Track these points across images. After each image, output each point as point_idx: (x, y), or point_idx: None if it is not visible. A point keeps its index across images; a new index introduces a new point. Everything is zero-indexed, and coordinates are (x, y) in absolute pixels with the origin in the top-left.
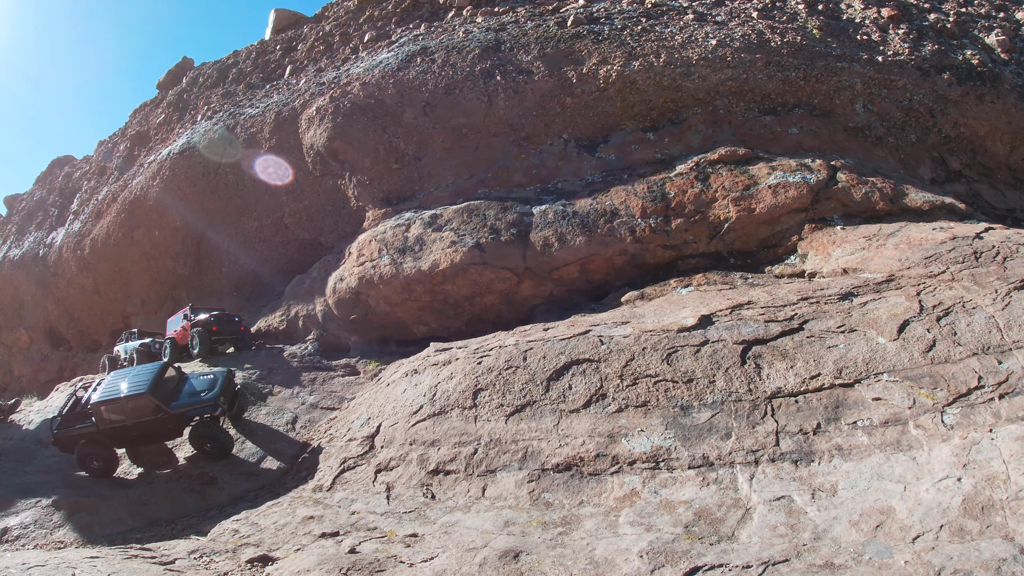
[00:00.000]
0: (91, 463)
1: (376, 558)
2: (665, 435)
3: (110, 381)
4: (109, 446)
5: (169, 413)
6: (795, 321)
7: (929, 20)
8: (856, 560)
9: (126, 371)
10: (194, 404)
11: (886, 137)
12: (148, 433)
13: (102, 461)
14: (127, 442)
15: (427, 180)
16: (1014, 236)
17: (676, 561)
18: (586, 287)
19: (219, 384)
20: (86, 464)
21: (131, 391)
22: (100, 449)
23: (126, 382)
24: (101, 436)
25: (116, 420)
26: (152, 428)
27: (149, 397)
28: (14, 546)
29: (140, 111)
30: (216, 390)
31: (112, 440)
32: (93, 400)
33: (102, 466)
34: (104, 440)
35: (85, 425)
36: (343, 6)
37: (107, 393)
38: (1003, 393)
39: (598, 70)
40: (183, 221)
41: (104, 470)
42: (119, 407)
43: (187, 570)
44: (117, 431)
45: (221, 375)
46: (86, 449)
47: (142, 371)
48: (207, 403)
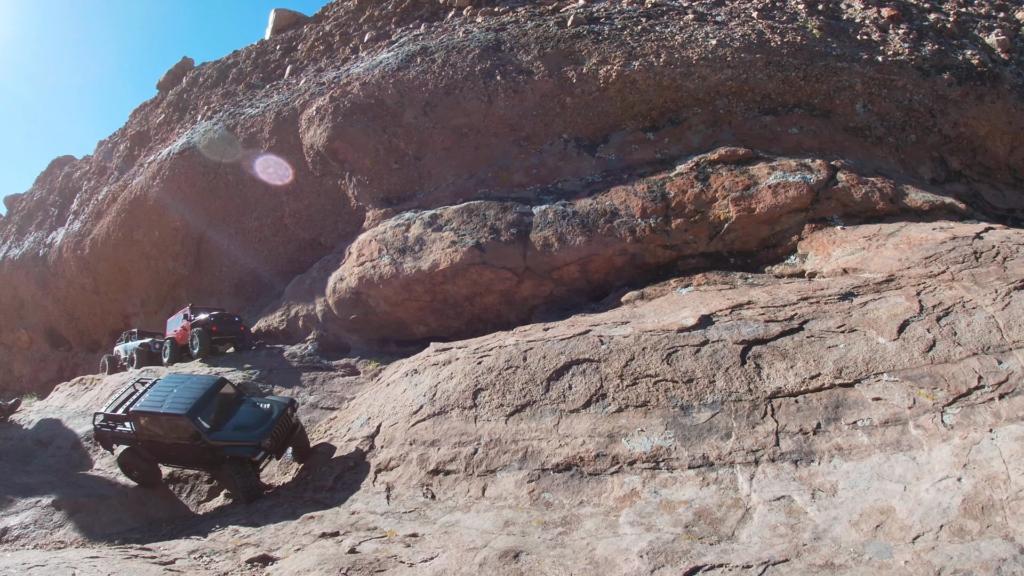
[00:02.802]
0: (130, 471)
1: (376, 558)
2: (665, 435)
3: (160, 387)
4: (149, 459)
5: (207, 444)
6: (795, 321)
7: (929, 20)
8: (856, 560)
9: (180, 379)
10: (234, 441)
11: (886, 137)
12: (184, 457)
13: (141, 473)
14: (164, 459)
15: (427, 180)
16: (1014, 236)
17: (676, 561)
18: (586, 287)
19: (271, 420)
20: (125, 471)
21: (171, 409)
22: (138, 460)
23: (172, 395)
24: (139, 446)
25: (154, 434)
26: (188, 453)
27: (188, 421)
28: (14, 546)
29: (140, 111)
30: (265, 427)
31: (151, 453)
32: (134, 408)
33: (141, 477)
34: (142, 451)
35: (125, 430)
36: (343, 6)
37: (150, 403)
38: (1003, 393)
39: (598, 70)
40: (183, 221)
41: (143, 482)
42: (158, 422)
43: (187, 570)
44: (155, 445)
45: (279, 408)
46: (125, 457)
47: (193, 386)
48: (248, 444)
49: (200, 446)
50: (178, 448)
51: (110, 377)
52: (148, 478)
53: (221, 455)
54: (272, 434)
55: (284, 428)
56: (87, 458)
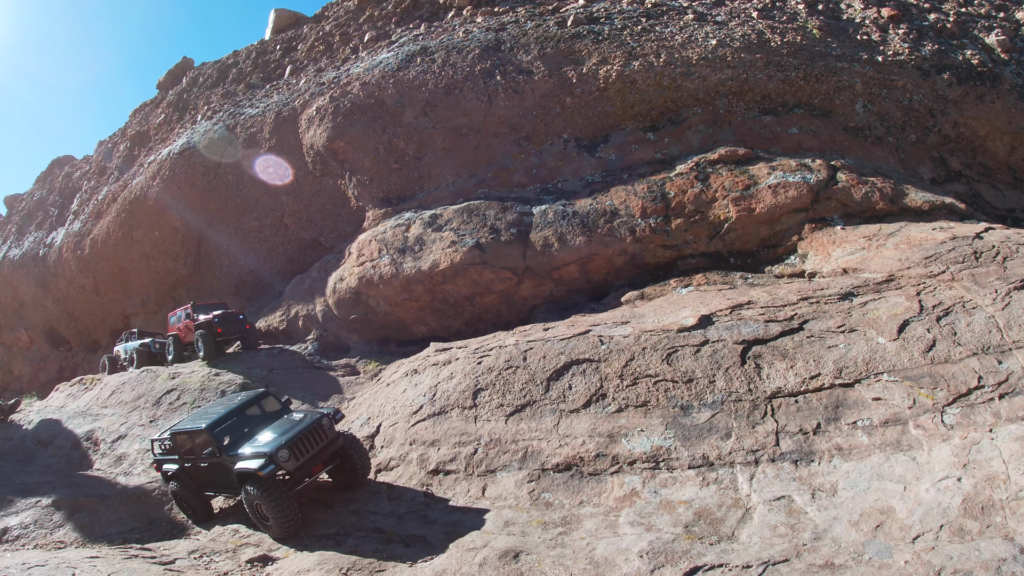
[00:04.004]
0: (180, 503)
1: (376, 558)
2: (665, 435)
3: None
4: (192, 486)
5: (226, 461)
6: (795, 321)
7: (929, 20)
8: (856, 560)
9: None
10: (243, 455)
11: (886, 137)
12: (210, 479)
13: (189, 503)
14: (204, 485)
15: (427, 180)
16: (1014, 236)
17: (676, 561)
18: (586, 287)
19: (295, 430)
20: (178, 501)
21: (194, 424)
22: (185, 489)
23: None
24: (183, 473)
25: (188, 457)
26: (211, 474)
27: (208, 435)
28: (14, 546)
29: (140, 111)
30: (284, 437)
31: (193, 479)
32: (174, 428)
33: (190, 510)
34: (185, 478)
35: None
36: (343, 6)
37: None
38: (1003, 393)
39: (598, 70)
40: (183, 221)
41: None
42: (188, 440)
43: (187, 570)
44: (194, 470)
45: (312, 419)
46: (176, 487)
47: (235, 400)
48: (258, 456)
49: (218, 464)
50: (204, 470)
51: (110, 377)
52: (198, 510)
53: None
54: (292, 446)
55: (314, 441)
56: (87, 458)
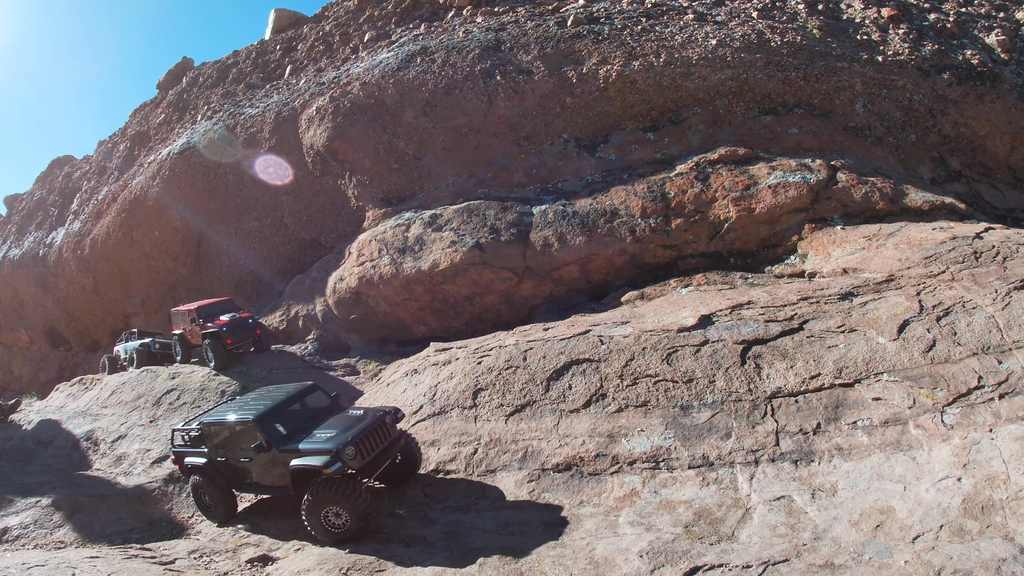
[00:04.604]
0: (202, 498)
1: (376, 558)
2: (665, 435)
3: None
4: (221, 484)
5: (277, 456)
6: (795, 321)
7: (929, 20)
8: (856, 560)
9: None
10: (304, 451)
11: (886, 137)
12: (248, 476)
13: (213, 500)
14: (238, 483)
15: (427, 180)
16: (1014, 236)
17: (676, 561)
18: (586, 287)
19: (359, 427)
20: (198, 499)
21: (242, 416)
22: (211, 485)
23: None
24: (213, 468)
25: (225, 451)
26: (260, 471)
27: (256, 427)
28: (14, 546)
29: (140, 111)
30: (348, 433)
31: (224, 475)
32: (205, 418)
33: (212, 509)
34: (215, 475)
35: (199, 450)
36: (343, 6)
37: (225, 412)
38: (1003, 393)
39: (598, 70)
40: (183, 221)
41: (219, 513)
42: (227, 433)
43: (187, 570)
44: (227, 466)
45: (374, 415)
46: (197, 482)
47: (276, 392)
48: (321, 452)
49: (267, 459)
50: (248, 466)
51: (110, 377)
52: (221, 508)
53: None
54: (358, 443)
55: (378, 439)
56: (87, 458)
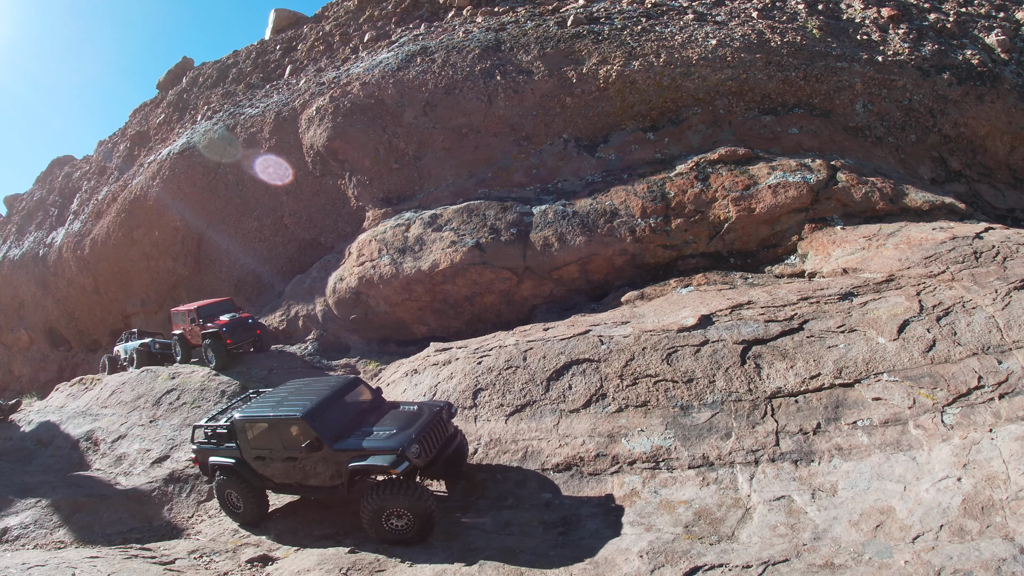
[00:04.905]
0: (229, 498)
1: (376, 558)
2: (665, 435)
3: (274, 391)
4: (255, 484)
5: (330, 455)
6: (795, 321)
7: (929, 20)
8: (856, 560)
9: (302, 383)
10: (365, 450)
11: (886, 137)
12: (302, 478)
13: (243, 501)
14: (274, 484)
15: (427, 180)
16: (1014, 236)
17: (676, 561)
18: (586, 287)
19: (419, 424)
20: (223, 499)
21: (285, 412)
22: (241, 485)
23: (287, 398)
24: (245, 468)
25: (263, 449)
26: (305, 471)
27: (305, 424)
28: (14, 546)
29: (140, 111)
30: (410, 431)
31: (258, 476)
32: (238, 415)
33: (243, 508)
34: (248, 474)
35: (227, 448)
36: (343, 6)
37: (260, 408)
38: (1003, 393)
39: (598, 70)
40: (183, 221)
41: (247, 513)
42: (267, 431)
43: (187, 570)
44: (264, 465)
45: (430, 410)
46: (223, 482)
47: (316, 387)
48: (386, 451)
49: (319, 458)
50: (292, 465)
51: (110, 377)
52: (251, 510)
53: (348, 471)
54: (422, 441)
55: (438, 436)
56: (87, 458)
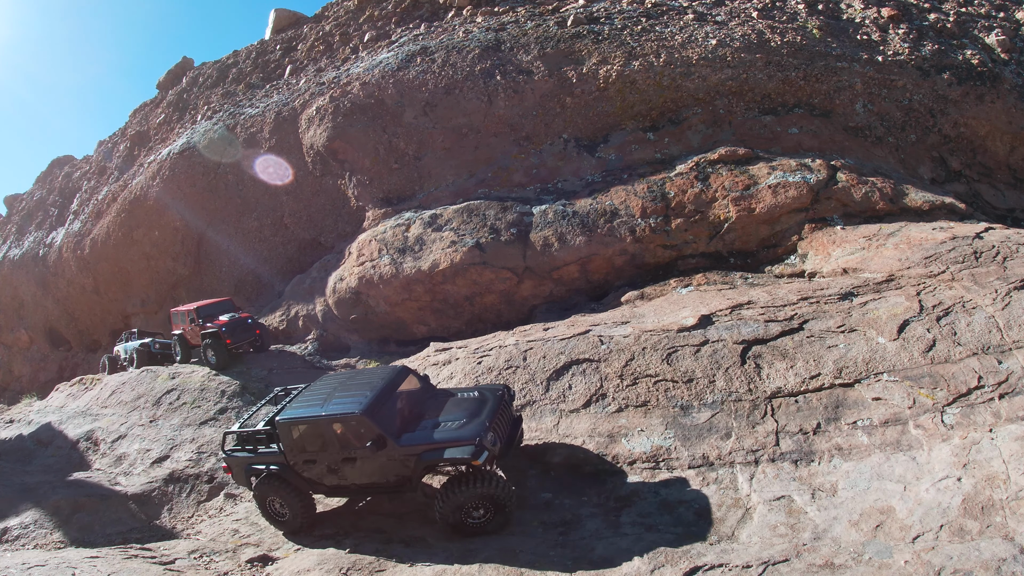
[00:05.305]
0: (272, 506)
1: (376, 558)
2: (665, 435)
3: (315, 389)
4: (302, 489)
5: (396, 451)
6: (795, 321)
7: (929, 20)
8: (856, 560)
9: (343, 377)
10: (440, 443)
11: (886, 137)
12: (360, 479)
13: (289, 508)
14: (325, 487)
15: (427, 180)
16: (1014, 236)
17: (676, 561)
18: (586, 287)
19: (487, 410)
20: (265, 507)
21: (337, 410)
22: (287, 491)
23: (334, 395)
24: (290, 472)
25: (313, 451)
26: (365, 471)
27: (366, 421)
28: (14, 546)
29: (140, 111)
30: (482, 418)
31: (305, 480)
32: (280, 418)
33: (290, 515)
34: (294, 479)
35: (268, 453)
36: (343, 6)
37: (304, 407)
38: (1003, 393)
39: (598, 70)
40: (183, 221)
41: (293, 521)
42: (317, 432)
43: (187, 570)
44: (312, 468)
45: (493, 395)
46: (265, 489)
47: (363, 380)
48: (462, 442)
49: (386, 458)
50: (351, 466)
51: (110, 377)
52: (298, 516)
53: (418, 466)
54: (492, 428)
55: (505, 421)
56: (87, 458)
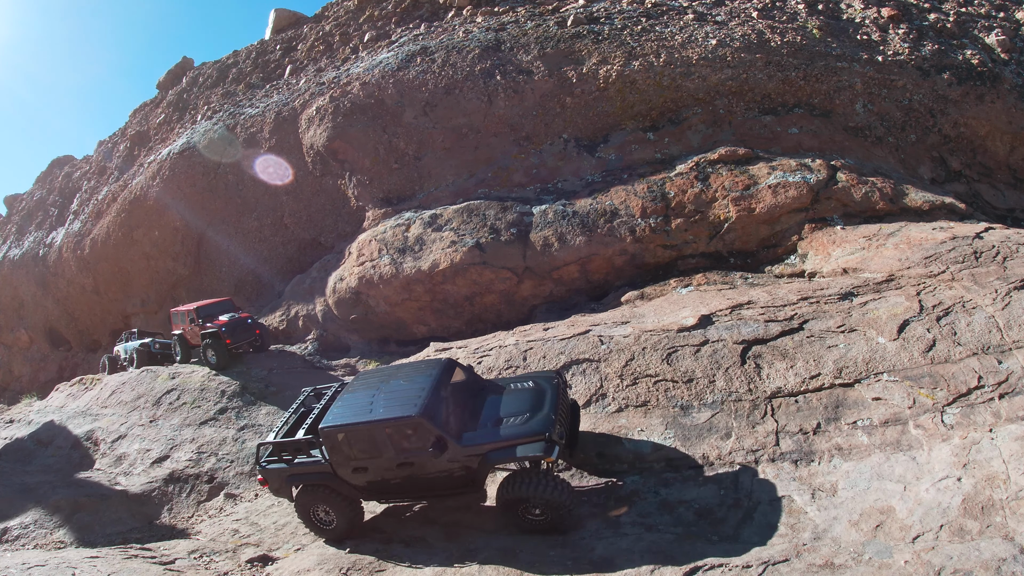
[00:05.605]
0: (316, 514)
1: (376, 558)
2: (665, 435)
3: (356, 391)
4: (350, 496)
5: (458, 452)
6: (795, 321)
7: (929, 20)
8: (856, 560)
9: (381, 374)
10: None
11: (886, 137)
12: (418, 481)
13: (336, 515)
14: (374, 491)
15: (427, 180)
16: (1014, 236)
17: (676, 561)
18: (586, 287)
19: (548, 401)
20: (308, 516)
21: (389, 413)
22: (333, 498)
23: (380, 397)
24: (337, 481)
25: (360, 458)
26: (427, 475)
27: (426, 423)
28: (14, 546)
29: (140, 111)
30: (546, 411)
31: (354, 488)
32: (325, 425)
33: (337, 523)
34: (340, 487)
35: (311, 462)
36: (343, 6)
37: (348, 413)
38: (1003, 393)
39: (598, 70)
40: (183, 221)
41: (340, 529)
42: (368, 437)
43: (187, 570)
44: (361, 475)
45: (549, 384)
46: (308, 498)
47: (410, 377)
48: (532, 438)
49: (447, 460)
50: (406, 470)
51: (110, 377)
52: (344, 523)
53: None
54: (560, 420)
55: (567, 412)
56: (87, 458)
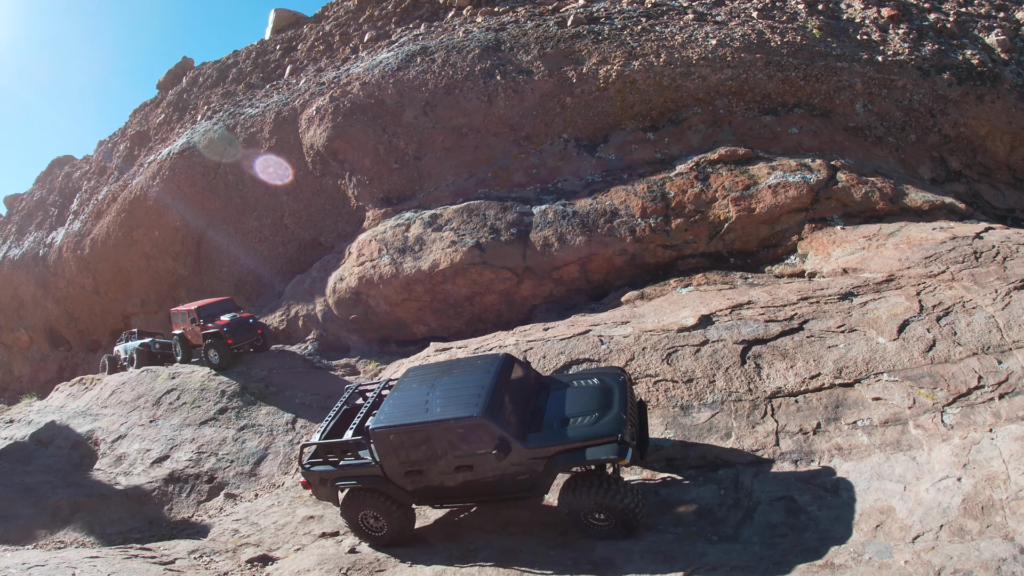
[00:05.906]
0: (366, 521)
1: (376, 558)
2: (665, 435)
3: (406, 388)
4: (401, 501)
5: (523, 454)
6: (795, 321)
7: (929, 20)
8: (856, 560)
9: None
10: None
11: (886, 137)
12: (476, 486)
13: (387, 520)
14: (428, 495)
15: (427, 180)
16: (1014, 236)
17: (676, 561)
18: (586, 287)
19: (617, 399)
20: (356, 522)
21: (447, 413)
22: (383, 503)
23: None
24: (387, 484)
25: (418, 460)
26: (488, 478)
27: (488, 423)
28: (14, 546)
29: (140, 111)
30: (616, 410)
31: (407, 492)
32: (375, 425)
33: (387, 529)
34: (391, 491)
35: (359, 464)
36: (343, 6)
37: (402, 411)
38: (1003, 393)
39: (598, 70)
40: (183, 221)
41: (391, 534)
42: (423, 438)
43: (187, 570)
44: (415, 478)
45: (615, 381)
46: (357, 503)
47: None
48: (603, 439)
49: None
50: (462, 475)
51: (110, 377)
52: (394, 529)
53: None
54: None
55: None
56: (87, 458)
